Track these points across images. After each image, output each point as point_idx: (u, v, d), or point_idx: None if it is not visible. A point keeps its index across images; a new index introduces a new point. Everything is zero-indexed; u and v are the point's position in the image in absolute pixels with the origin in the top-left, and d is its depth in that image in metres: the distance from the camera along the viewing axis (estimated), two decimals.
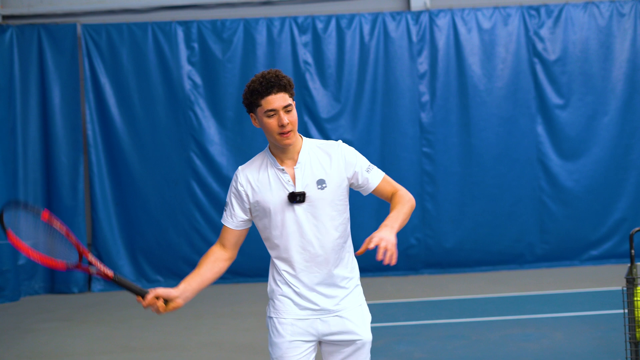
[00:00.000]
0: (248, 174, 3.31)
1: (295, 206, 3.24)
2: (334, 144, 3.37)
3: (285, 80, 3.19)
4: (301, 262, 3.27)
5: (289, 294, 3.29)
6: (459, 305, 8.31)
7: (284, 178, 3.26)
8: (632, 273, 4.54)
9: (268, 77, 3.18)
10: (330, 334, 3.30)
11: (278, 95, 3.18)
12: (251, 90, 3.20)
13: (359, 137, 10.26)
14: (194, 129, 10.29)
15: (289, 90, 3.21)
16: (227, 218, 3.37)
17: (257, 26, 10.28)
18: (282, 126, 3.18)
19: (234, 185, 3.34)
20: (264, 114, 3.20)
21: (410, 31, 10.28)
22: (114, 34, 10.25)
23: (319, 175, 3.29)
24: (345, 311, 3.32)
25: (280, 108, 3.18)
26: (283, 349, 3.27)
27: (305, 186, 3.26)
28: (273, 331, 3.31)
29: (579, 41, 10.30)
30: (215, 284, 10.24)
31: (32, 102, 10.20)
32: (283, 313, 3.30)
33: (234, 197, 3.34)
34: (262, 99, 3.18)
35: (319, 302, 3.28)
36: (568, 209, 10.31)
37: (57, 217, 11.00)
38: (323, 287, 3.29)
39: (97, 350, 7.07)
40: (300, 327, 3.28)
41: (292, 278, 3.29)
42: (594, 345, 6.33)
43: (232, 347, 6.98)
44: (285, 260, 3.29)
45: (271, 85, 3.17)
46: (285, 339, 3.27)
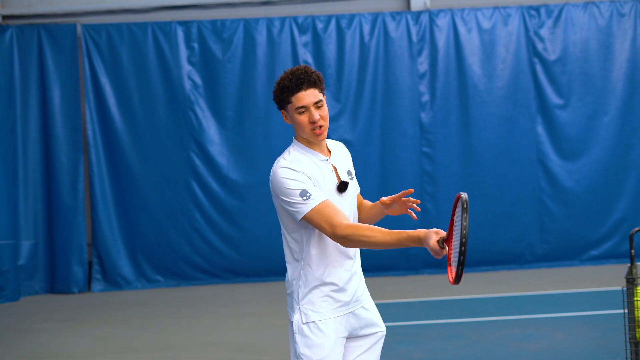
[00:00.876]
0: (299, 167, 3.18)
1: (339, 196, 3.25)
2: (339, 142, 3.50)
3: (314, 76, 3.19)
4: (338, 255, 3.23)
5: (329, 292, 3.23)
6: (459, 305, 8.31)
7: (328, 169, 3.26)
8: (632, 273, 4.54)
9: (297, 73, 3.17)
10: (359, 328, 3.31)
11: (308, 91, 3.17)
12: (281, 87, 3.19)
13: (359, 137, 10.26)
14: (194, 129, 10.29)
15: (318, 85, 3.21)
16: (318, 194, 3.11)
17: (257, 26, 10.28)
18: (313, 122, 3.18)
19: (294, 173, 3.14)
20: (295, 110, 3.19)
21: (410, 31, 10.28)
22: (114, 34, 10.25)
23: (346, 166, 3.38)
24: (366, 302, 3.36)
25: (311, 104, 3.18)
26: (329, 349, 3.19)
27: (343, 176, 3.31)
28: (315, 333, 3.20)
29: (579, 41, 10.30)
30: (215, 284, 10.27)
31: (32, 102, 10.20)
32: (327, 314, 3.22)
33: (304, 181, 3.14)
34: (293, 96, 3.18)
35: (353, 293, 3.28)
36: (568, 209, 10.31)
37: (58, 217, 10.87)
38: (354, 277, 3.30)
39: (97, 351, 7.07)
40: (340, 323, 3.25)
41: (331, 275, 3.22)
42: (594, 345, 6.33)
43: (232, 347, 6.98)
44: (324, 257, 3.22)
45: (301, 82, 3.16)
46: (330, 338, 3.20)
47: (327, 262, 3.22)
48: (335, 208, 3.11)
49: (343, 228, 3.04)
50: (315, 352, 3.19)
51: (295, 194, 3.11)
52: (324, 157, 3.27)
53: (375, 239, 2.99)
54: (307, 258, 3.22)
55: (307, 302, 3.23)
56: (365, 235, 3.01)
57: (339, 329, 3.25)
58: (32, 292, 10.09)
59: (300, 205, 3.11)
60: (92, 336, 7.68)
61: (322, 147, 3.30)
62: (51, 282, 10.22)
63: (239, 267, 10.31)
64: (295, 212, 3.13)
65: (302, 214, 3.11)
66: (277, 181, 3.16)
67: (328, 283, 3.22)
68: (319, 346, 3.20)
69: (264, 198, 10.03)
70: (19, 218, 10.03)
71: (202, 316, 8.39)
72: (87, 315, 8.72)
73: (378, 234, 2.99)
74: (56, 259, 10.20)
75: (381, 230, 3.00)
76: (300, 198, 3.11)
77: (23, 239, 10.04)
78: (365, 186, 9.67)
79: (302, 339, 3.21)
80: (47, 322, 8.42)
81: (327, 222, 3.06)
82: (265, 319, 7.94)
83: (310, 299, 3.23)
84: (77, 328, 8.10)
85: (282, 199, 3.15)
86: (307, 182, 3.14)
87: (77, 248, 10.15)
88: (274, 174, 3.19)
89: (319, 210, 3.08)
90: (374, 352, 3.37)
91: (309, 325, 3.22)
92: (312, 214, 3.09)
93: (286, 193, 3.13)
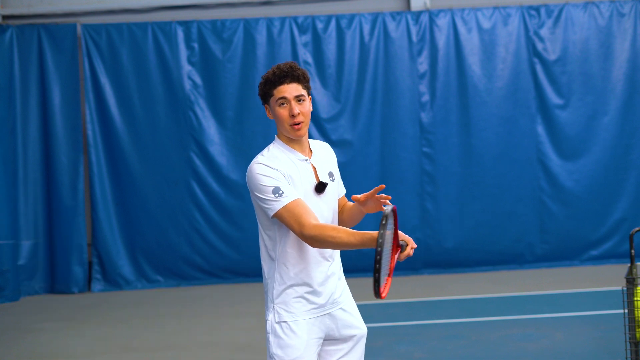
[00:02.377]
0: (274, 164, 3.18)
1: (316, 197, 3.24)
2: (325, 143, 3.47)
3: (299, 72, 3.21)
4: (316, 256, 3.22)
5: (303, 294, 3.22)
6: (459, 306, 8.31)
7: (307, 168, 3.25)
8: (632, 273, 4.54)
9: (282, 67, 3.20)
10: (336, 329, 3.29)
11: (291, 85, 3.19)
12: (265, 80, 3.22)
13: (359, 137, 10.26)
14: (194, 129, 10.29)
15: (302, 82, 3.22)
16: (290, 192, 3.11)
17: (257, 26, 10.28)
18: (293, 116, 3.18)
19: (269, 170, 3.15)
20: (276, 102, 3.20)
21: (410, 31, 10.28)
22: (114, 34, 10.25)
23: (328, 167, 3.35)
24: (345, 303, 3.34)
25: (292, 97, 3.19)
26: (301, 350, 3.19)
27: (323, 177, 3.29)
28: (287, 334, 3.20)
29: (579, 41, 10.30)
30: (215, 283, 10.27)
31: (32, 102, 10.20)
32: (300, 315, 3.22)
33: (278, 178, 3.14)
34: (275, 89, 3.20)
35: (329, 295, 3.26)
36: (568, 209, 10.31)
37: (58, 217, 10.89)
38: (331, 279, 3.28)
39: (97, 351, 7.07)
40: (314, 324, 3.24)
41: (306, 275, 3.21)
42: (594, 345, 6.33)
43: (232, 347, 6.98)
44: (300, 257, 3.21)
45: (284, 75, 3.18)
46: (302, 339, 3.20)
47: (303, 261, 3.21)
48: (306, 207, 3.10)
49: (310, 228, 3.03)
50: (288, 352, 3.19)
51: (268, 191, 3.12)
52: (304, 157, 3.26)
53: (340, 239, 2.98)
54: (283, 256, 3.21)
55: (281, 301, 3.22)
56: (331, 235, 3.00)
57: (312, 330, 3.23)
58: (32, 292, 10.09)
59: (272, 202, 3.11)
60: (92, 336, 7.68)
61: (303, 146, 3.29)
62: (51, 282, 10.22)
63: (239, 267, 10.32)
64: (268, 209, 3.13)
65: (273, 211, 3.11)
66: (252, 177, 3.17)
67: (302, 283, 3.21)
68: (291, 347, 3.19)
69: None
70: (19, 218, 10.03)
71: (202, 316, 8.39)
72: (87, 315, 8.72)
73: (343, 235, 2.98)
74: (56, 259, 10.20)
75: (346, 231, 2.99)
76: (272, 195, 3.11)
77: (23, 239, 10.04)
78: (365, 186, 9.68)
79: (274, 339, 3.22)
80: (47, 322, 8.42)
81: (297, 221, 3.06)
82: (264, 319, 7.93)
83: (284, 299, 3.22)
84: (77, 328, 8.10)
85: (256, 194, 3.16)
86: (281, 179, 3.14)
87: (77, 248, 10.15)
88: (250, 169, 3.19)
89: (289, 209, 3.09)
90: (354, 354, 3.34)
91: (282, 325, 3.21)
92: (282, 212, 3.09)
93: (260, 189, 3.14)
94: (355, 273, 10.01)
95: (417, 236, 10.25)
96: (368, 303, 8.56)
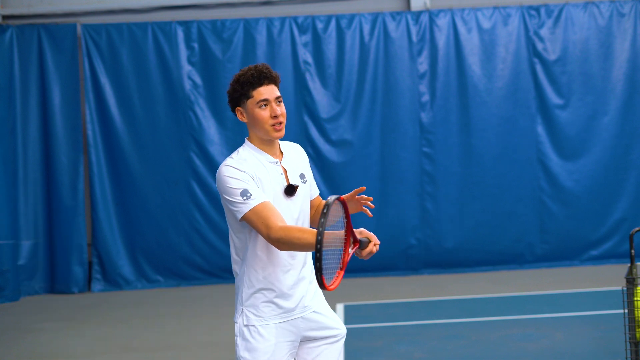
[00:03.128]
0: (243, 167, 3.14)
1: (287, 199, 3.21)
2: (296, 144, 3.44)
3: (274, 74, 3.20)
4: (286, 260, 3.19)
5: (272, 298, 3.18)
6: (459, 305, 8.31)
7: (277, 171, 3.21)
8: (632, 273, 4.54)
9: (259, 68, 3.17)
10: (311, 330, 3.25)
11: (269, 86, 3.17)
12: (242, 82, 3.17)
13: (359, 137, 10.26)
14: (194, 129, 10.29)
15: (278, 84, 3.22)
16: (258, 195, 3.08)
17: (257, 26, 10.28)
18: (275, 117, 3.15)
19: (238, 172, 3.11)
20: (255, 104, 3.16)
21: (410, 31, 10.28)
22: (114, 34, 10.25)
23: (299, 169, 3.31)
24: (319, 306, 3.30)
25: (273, 99, 3.17)
26: (269, 353, 3.16)
27: (294, 179, 3.26)
28: (254, 337, 3.17)
29: (579, 41, 10.30)
30: (215, 283, 10.27)
31: (32, 102, 10.20)
32: (269, 319, 3.18)
33: (246, 181, 3.10)
34: (254, 90, 3.16)
35: (299, 300, 3.22)
36: (568, 209, 10.31)
37: (58, 217, 10.89)
38: (302, 283, 3.24)
39: (97, 351, 7.07)
40: (284, 327, 3.20)
41: (275, 279, 3.17)
42: (594, 345, 6.33)
43: (232, 347, 6.98)
44: (269, 261, 3.18)
45: (263, 76, 3.16)
46: (270, 342, 3.16)
47: (272, 265, 3.17)
48: (273, 210, 3.06)
49: (276, 230, 2.99)
50: (255, 355, 3.15)
51: (237, 193, 3.08)
52: (274, 160, 3.22)
53: (306, 240, 2.94)
54: (252, 260, 3.18)
55: (250, 304, 3.19)
56: (296, 237, 2.96)
57: (282, 334, 3.19)
58: (32, 292, 10.09)
59: (240, 205, 3.08)
60: (92, 336, 7.68)
61: (274, 148, 3.25)
62: (51, 282, 10.23)
63: None
64: (236, 212, 3.11)
65: (241, 213, 3.08)
66: (220, 179, 3.14)
67: (271, 287, 3.18)
68: (259, 350, 3.16)
69: None
70: (19, 218, 10.03)
71: (202, 316, 8.39)
72: (87, 315, 8.72)
73: (308, 235, 2.94)
74: (56, 259, 10.20)
75: (312, 232, 2.94)
76: (240, 197, 3.08)
77: (23, 239, 10.04)
78: (365, 186, 9.67)
79: (242, 342, 3.18)
80: (47, 322, 8.42)
81: (263, 223, 3.03)
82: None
83: (253, 302, 3.19)
84: (77, 328, 8.10)
85: (225, 197, 3.13)
86: (249, 182, 3.11)
87: (77, 248, 10.15)
88: (219, 172, 3.16)
89: (256, 211, 3.05)
90: (329, 353, 3.29)
91: (249, 328, 3.18)
92: (250, 215, 3.06)
93: (228, 192, 3.11)
94: (355, 273, 10.01)
95: (417, 236, 10.25)
96: (368, 303, 8.57)
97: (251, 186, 3.10)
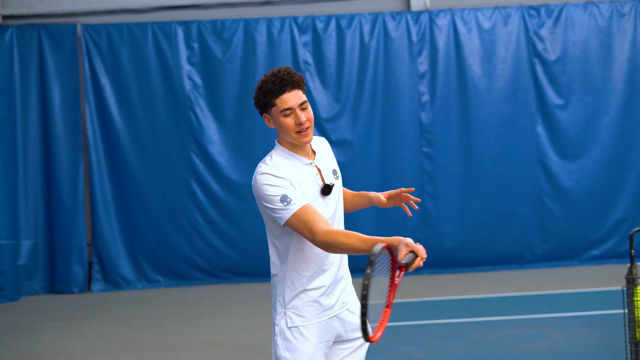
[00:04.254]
0: (280, 172, 3.12)
1: (323, 199, 3.21)
2: (321, 138, 3.44)
3: (297, 77, 3.14)
4: (324, 258, 3.20)
5: (316, 298, 3.20)
6: (459, 306, 8.31)
7: (312, 172, 3.20)
8: (632, 273, 4.54)
9: (280, 75, 3.11)
10: (344, 332, 3.29)
11: (292, 92, 3.12)
12: (264, 90, 3.13)
13: (359, 137, 10.26)
14: (194, 129, 10.29)
15: (302, 87, 3.16)
16: (298, 199, 3.06)
17: (257, 26, 10.28)
18: (300, 124, 3.12)
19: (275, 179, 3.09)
20: (279, 113, 3.12)
21: (410, 31, 10.28)
22: (114, 34, 10.25)
23: (331, 165, 3.32)
24: (353, 305, 3.34)
25: (297, 106, 3.12)
26: (310, 353, 3.17)
27: (328, 178, 3.26)
28: (296, 337, 3.18)
29: (579, 41, 10.30)
30: (215, 283, 10.27)
31: (32, 102, 10.20)
32: (311, 319, 3.20)
33: (285, 186, 3.08)
34: (277, 99, 3.11)
35: (338, 296, 3.26)
36: (568, 209, 10.31)
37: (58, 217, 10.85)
38: (341, 280, 3.29)
39: (97, 351, 7.07)
40: (324, 329, 3.22)
41: (317, 280, 3.20)
42: (594, 345, 6.33)
43: (232, 347, 6.98)
44: (312, 262, 3.19)
45: (285, 83, 3.10)
46: (311, 342, 3.18)
47: (315, 265, 3.19)
48: (315, 213, 3.05)
49: (321, 235, 2.99)
50: (296, 356, 3.16)
51: (276, 200, 3.06)
52: (308, 161, 3.21)
53: (352, 246, 2.94)
54: (294, 263, 3.18)
55: (293, 306, 3.20)
56: (342, 242, 2.95)
57: (321, 334, 3.21)
58: (32, 292, 10.09)
59: (281, 212, 3.06)
60: (92, 336, 7.68)
61: (306, 149, 3.24)
62: (51, 282, 10.22)
63: (239, 267, 10.31)
64: (278, 218, 3.09)
65: (283, 220, 3.06)
66: (258, 188, 3.12)
67: (314, 288, 3.19)
68: (300, 350, 3.17)
69: None
70: (19, 218, 10.03)
71: (202, 316, 8.39)
72: (87, 315, 8.72)
73: (354, 241, 2.93)
74: (56, 259, 10.20)
75: (358, 237, 2.94)
76: (281, 204, 3.05)
77: (23, 239, 10.04)
78: (365, 186, 9.67)
79: (283, 342, 3.19)
80: (47, 322, 8.42)
81: (307, 228, 3.02)
82: (265, 319, 7.94)
83: (296, 304, 3.19)
84: (77, 328, 8.10)
85: (264, 204, 3.11)
86: (287, 187, 3.09)
87: (77, 248, 10.15)
88: (255, 180, 3.14)
89: (298, 217, 3.03)
90: (358, 354, 3.34)
91: (292, 329, 3.19)
92: (292, 220, 3.05)
93: (267, 199, 3.09)
94: (355, 273, 10.00)
95: (417, 236, 10.25)
96: None
97: (290, 191, 3.08)
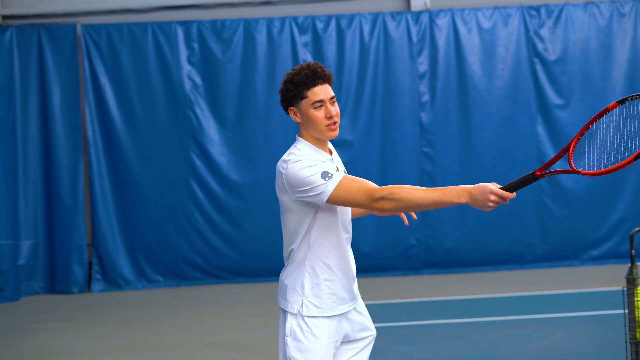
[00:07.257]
0: (311, 157, 3.17)
1: None
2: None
3: (328, 72, 3.19)
4: (345, 249, 3.23)
5: (335, 290, 3.22)
6: (460, 306, 8.31)
7: (333, 168, 3.20)
8: (632, 273, 4.54)
9: (313, 68, 3.15)
10: (352, 332, 3.31)
11: (324, 86, 3.16)
12: (296, 82, 3.15)
13: (359, 137, 10.26)
14: (194, 129, 10.29)
15: (331, 82, 3.21)
16: (337, 173, 3.09)
17: (257, 26, 10.28)
18: (330, 117, 3.15)
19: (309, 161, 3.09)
20: (310, 105, 3.15)
21: (410, 31, 10.28)
22: (114, 34, 10.25)
23: (342, 166, 3.37)
24: (361, 304, 3.37)
25: (328, 99, 3.16)
26: (321, 354, 3.17)
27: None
28: (307, 337, 3.17)
29: (579, 41, 10.30)
30: (215, 284, 10.27)
31: (32, 102, 10.20)
32: (328, 310, 3.19)
33: (321, 165, 3.09)
34: (309, 90, 3.14)
35: (353, 290, 3.30)
36: (568, 209, 10.31)
37: (58, 217, 10.85)
38: (354, 276, 3.34)
39: (97, 351, 7.07)
40: (334, 328, 3.23)
41: (339, 269, 3.22)
42: (594, 345, 6.33)
43: (232, 347, 6.98)
44: (336, 250, 3.20)
45: (318, 76, 3.14)
46: (323, 343, 3.18)
47: (337, 255, 3.21)
48: (358, 178, 3.06)
49: (379, 190, 3.00)
50: (307, 356, 3.16)
51: (317, 178, 3.05)
52: (330, 157, 3.25)
53: (417, 195, 2.94)
54: (318, 251, 3.19)
55: (312, 295, 3.19)
56: (406, 192, 2.95)
57: (332, 334, 3.22)
58: (32, 292, 10.09)
59: (323, 186, 3.04)
60: (92, 336, 7.67)
61: (327, 146, 3.28)
62: (51, 282, 10.22)
63: (239, 267, 10.31)
64: (321, 194, 3.05)
65: (327, 194, 3.04)
66: (293, 175, 3.09)
67: (337, 277, 3.21)
68: (311, 351, 3.16)
69: (264, 198, 10.04)
70: (19, 218, 10.03)
71: (202, 316, 8.39)
72: (87, 315, 8.72)
73: (418, 192, 2.95)
74: (56, 259, 10.20)
75: (417, 188, 2.96)
76: (322, 180, 3.04)
77: (23, 239, 10.04)
78: None
79: (294, 342, 3.18)
80: (47, 322, 8.42)
81: (359, 190, 3.02)
82: (265, 319, 7.94)
83: (316, 293, 3.19)
84: (77, 328, 8.10)
85: (303, 190, 3.08)
86: (323, 164, 3.10)
87: (77, 248, 10.15)
88: (289, 170, 3.10)
89: (343, 185, 3.04)
90: (364, 354, 3.37)
91: (302, 329, 3.18)
92: (338, 190, 3.04)
93: (307, 182, 3.07)
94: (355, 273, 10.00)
95: (417, 236, 10.25)
96: (368, 303, 8.55)
97: (329, 167, 3.10)
